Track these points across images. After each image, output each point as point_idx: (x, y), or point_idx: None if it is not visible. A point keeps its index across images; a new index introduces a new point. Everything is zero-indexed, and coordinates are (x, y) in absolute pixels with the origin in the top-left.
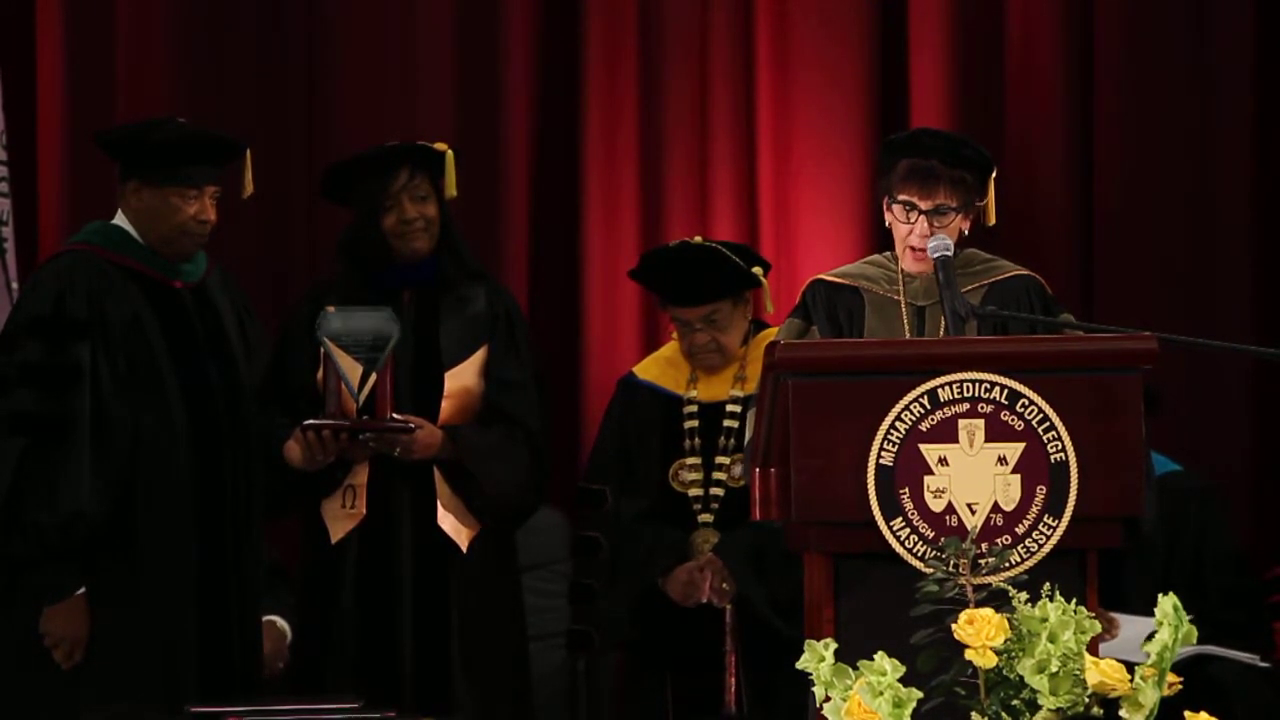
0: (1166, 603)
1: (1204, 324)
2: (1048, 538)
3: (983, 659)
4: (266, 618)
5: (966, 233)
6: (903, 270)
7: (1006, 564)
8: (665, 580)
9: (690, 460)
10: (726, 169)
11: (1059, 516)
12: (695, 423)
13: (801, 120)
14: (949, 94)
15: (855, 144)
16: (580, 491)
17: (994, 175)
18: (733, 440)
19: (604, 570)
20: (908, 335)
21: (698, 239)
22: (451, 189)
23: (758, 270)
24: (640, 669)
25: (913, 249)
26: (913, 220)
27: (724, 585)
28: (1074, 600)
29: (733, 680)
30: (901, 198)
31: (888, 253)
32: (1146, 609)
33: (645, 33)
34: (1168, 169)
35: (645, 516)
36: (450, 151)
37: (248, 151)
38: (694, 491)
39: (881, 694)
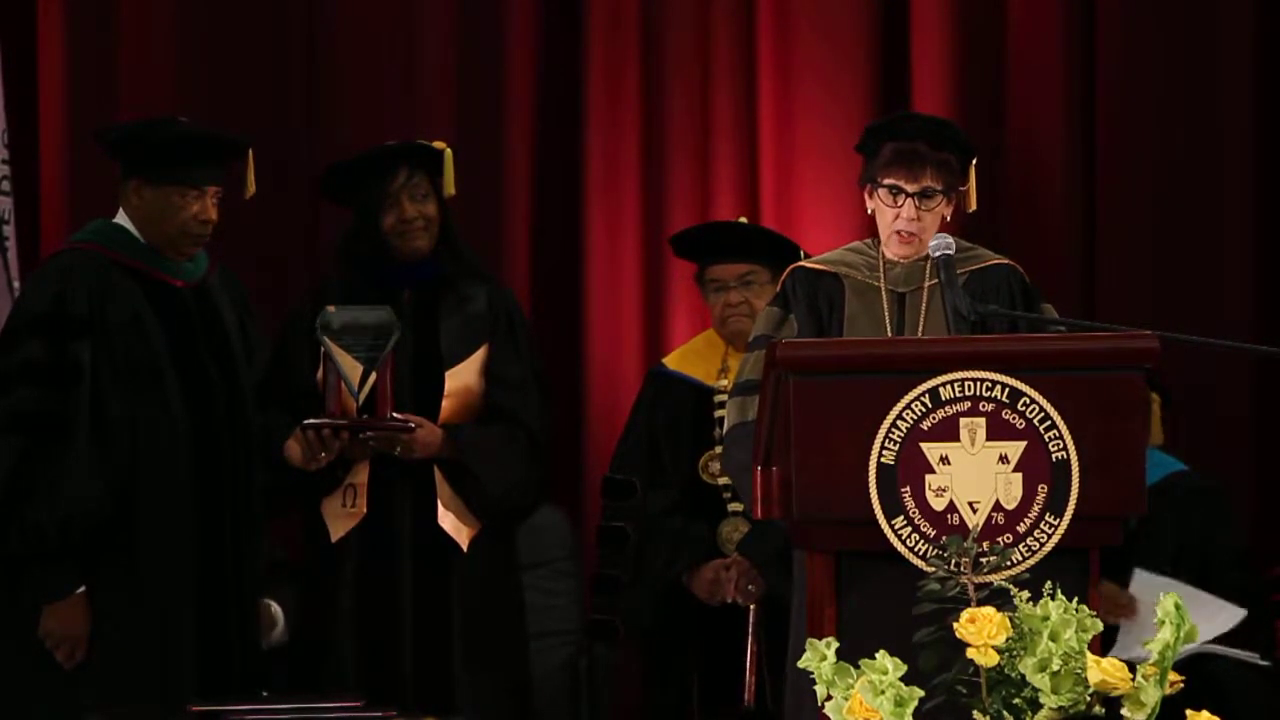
0: (1168, 601)
1: (1205, 323)
2: (1049, 536)
3: (984, 658)
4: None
5: (949, 218)
6: (884, 257)
7: (1008, 562)
8: (690, 578)
9: (721, 450)
10: (728, 168)
11: (1060, 515)
12: (725, 412)
13: (803, 118)
14: (951, 94)
15: (857, 142)
16: (607, 482)
17: (974, 161)
18: None
19: (629, 562)
20: (888, 321)
21: (743, 219)
22: (450, 187)
23: (802, 253)
24: (664, 664)
25: (899, 233)
26: (899, 204)
27: (750, 586)
28: (1075, 599)
29: (753, 679)
30: (887, 181)
31: (869, 240)
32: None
33: (647, 32)
34: (1169, 168)
35: (672, 510)
36: (449, 150)
37: (250, 151)
38: (724, 480)
39: (883, 693)
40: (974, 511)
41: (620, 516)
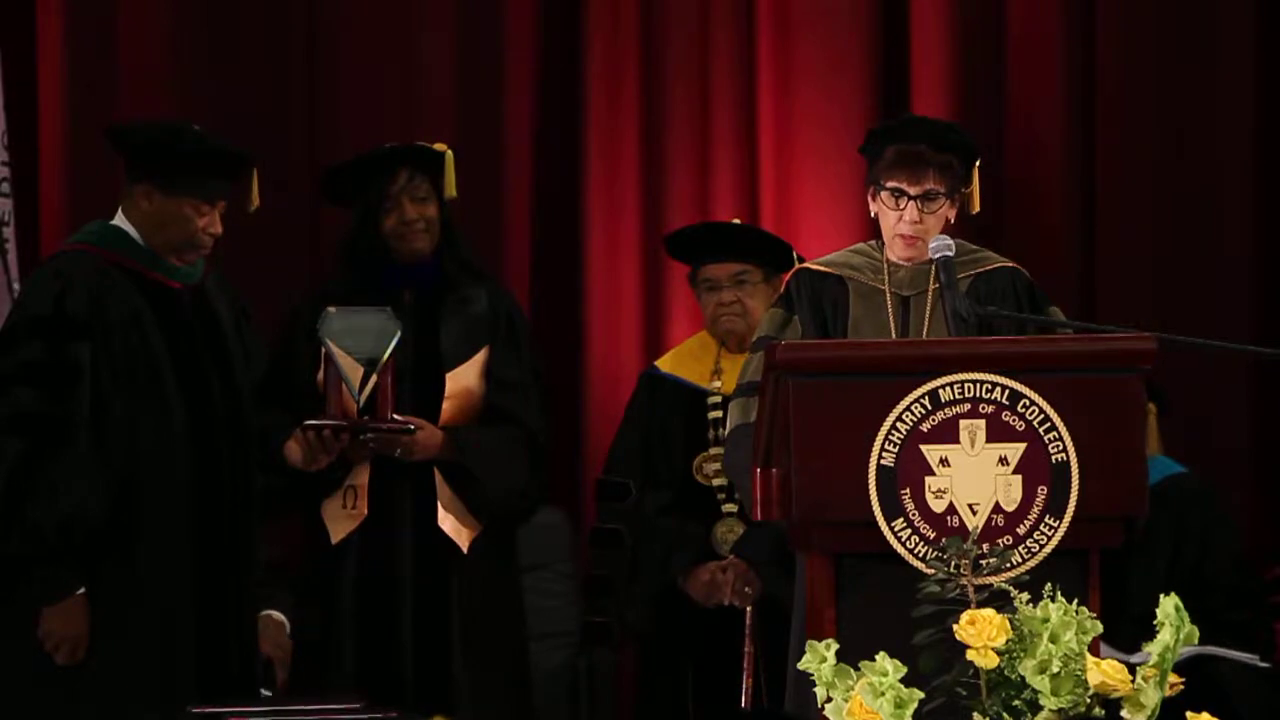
0: (1168, 603)
1: (1204, 323)
2: (1049, 538)
3: (984, 659)
4: (263, 612)
5: (952, 221)
6: (888, 260)
7: (1008, 564)
8: (686, 579)
9: (715, 451)
10: (728, 171)
11: (1060, 517)
12: (719, 414)
13: (803, 121)
14: (951, 95)
15: (857, 144)
16: (601, 484)
17: (978, 164)
18: None
19: (624, 565)
20: (892, 324)
21: (736, 221)
22: (451, 189)
23: (795, 255)
24: (661, 666)
25: (903, 236)
26: (902, 206)
27: (746, 588)
28: (1075, 600)
29: (750, 680)
30: (890, 184)
31: (873, 241)
32: (1149, 608)
33: (646, 33)
34: (1169, 169)
35: (666, 511)
36: (449, 152)
37: (254, 167)
38: (718, 481)
39: (883, 694)
40: (974, 513)
41: (614, 518)
